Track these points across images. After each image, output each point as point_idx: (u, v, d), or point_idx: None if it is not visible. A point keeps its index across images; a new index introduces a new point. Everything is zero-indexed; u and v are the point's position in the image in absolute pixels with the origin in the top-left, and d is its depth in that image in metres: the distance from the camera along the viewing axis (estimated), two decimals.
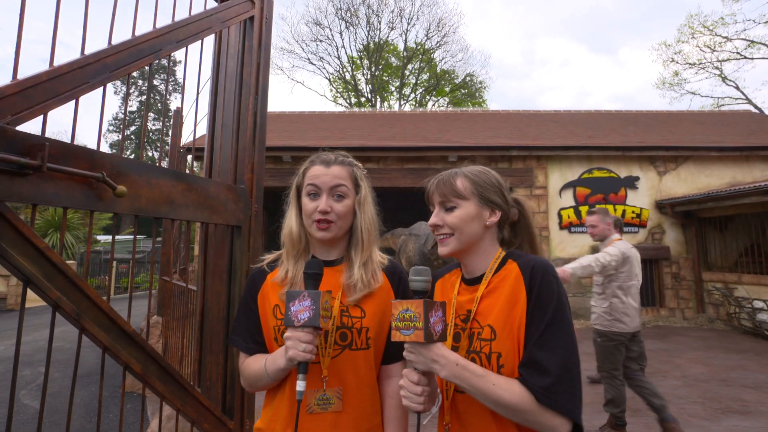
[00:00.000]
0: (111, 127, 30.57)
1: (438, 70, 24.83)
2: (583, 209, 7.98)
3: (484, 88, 26.11)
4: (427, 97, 25.29)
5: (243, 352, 1.06)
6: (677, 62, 20.84)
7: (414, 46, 24.57)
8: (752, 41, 19.09)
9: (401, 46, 24.91)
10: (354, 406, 0.98)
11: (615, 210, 7.91)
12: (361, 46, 24.39)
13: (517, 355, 0.85)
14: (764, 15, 19.09)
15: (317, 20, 24.22)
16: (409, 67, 24.99)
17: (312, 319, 0.87)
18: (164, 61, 29.02)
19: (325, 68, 25.92)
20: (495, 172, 1.03)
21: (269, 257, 1.13)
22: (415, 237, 5.40)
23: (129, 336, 1.32)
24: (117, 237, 20.78)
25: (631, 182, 8.09)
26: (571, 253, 7.90)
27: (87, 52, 1.23)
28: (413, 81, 25.38)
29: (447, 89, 25.40)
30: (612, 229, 3.30)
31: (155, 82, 31.23)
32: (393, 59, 25.38)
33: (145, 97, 29.96)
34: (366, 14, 23.77)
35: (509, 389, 0.81)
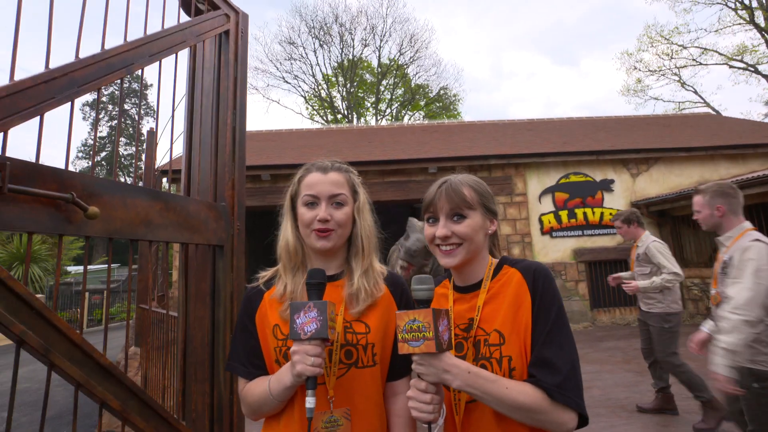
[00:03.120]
0: (80, 154, 29.69)
1: (412, 85, 25.23)
2: (563, 213, 8.12)
3: (458, 100, 26.66)
4: (403, 111, 25.60)
5: (242, 378, 0.99)
6: (639, 70, 21.81)
7: (388, 62, 24.95)
8: (705, 48, 20.17)
9: (375, 63, 25.27)
10: (362, 427, 0.92)
11: (594, 213, 8.08)
12: (336, 64, 24.62)
13: (524, 357, 0.87)
14: (713, 24, 20.23)
15: (290, 39, 24.38)
16: (384, 82, 25.32)
17: (320, 331, 0.83)
18: (135, 85, 28.60)
19: (300, 86, 26.02)
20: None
21: (265, 275, 1.06)
22: (399, 246, 5.41)
23: (105, 369, 1.22)
24: (89, 267, 20.01)
25: (606, 185, 8.29)
26: (554, 257, 7.99)
27: (52, 67, 1.16)
28: (388, 96, 25.69)
29: (422, 103, 25.79)
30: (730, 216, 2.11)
31: (126, 107, 30.64)
32: (367, 76, 25.67)
33: (115, 122, 29.34)
34: (339, 32, 24.08)
35: (523, 391, 0.82)
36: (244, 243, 2.11)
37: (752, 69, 19.62)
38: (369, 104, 25.86)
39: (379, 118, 25.29)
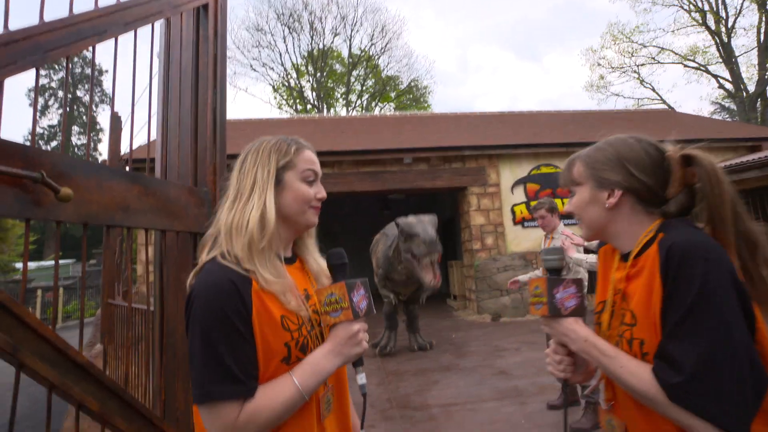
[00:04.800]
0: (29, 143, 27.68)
1: (383, 76, 25.04)
2: (534, 204, 8.31)
3: (429, 93, 26.72)
4: (373, 103, 25.39)
5: (242, 399, 0.74)
6: (602, 66, 22.56)
7: (359, 52, 24.63)
8: (662, 48, 21.12)
9: (345, 53, 24.88)
10: (341, 402, 0.95)
11: (563, 204, 8.32)
12: (305, 53, 24.04)
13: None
14: (670, 24, 21.21)
15: (258, 26, 23.57)
16: (355, 73, 24.98)
17: (371, 307, 0.90)
18: (87, 70, 26.85)
19: (268, 74, 25.27)
20: (633, 140, 0.92)
21: (220, 257, 0.83)
22: (385, 237, 5.27)
23: (82, 368, 1.10)
24: (41, 263, 18.78)
25: None
26: (526, 247, 8.18)
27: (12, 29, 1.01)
28: (359, 87, 25.39)
29: (392, 95, 25.66)
30: None
31: (79, 94, 28.81)
32: (338, 66, 25.24)
33: (67, 109, 27.54)
34: (309, 20, 23.50)
35: (638, 375, 0.76)
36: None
37: (704, 69, 20.72)
38: (339, 95, 25.49)
39: (349, 109, 25.00)
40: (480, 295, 7.92)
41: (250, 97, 32.24)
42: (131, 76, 1.55)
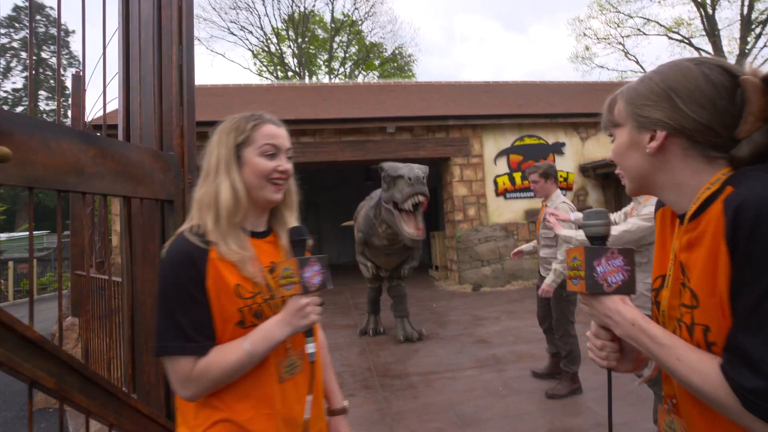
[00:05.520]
0: None
1: (367, 43, 24.27)
2: (517, 175, 8.33)
3: (414, 61, 26.09)
4: (357, 71, 24.71)
5: (191, 356, 0.85)
6: (588, 37, 22.35)
7: (341, 17, 23.70)
8: (648, 19, 20.97)
9: (328, 18, 23.91)
10: (310, 368, 1.00)
11: None
12: (286, 16, 22.99)
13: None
14: None
15: None
16: (337, 39, 24.11)
17: (325, 282, 0.93)
18: (53, 30, 25.19)
19: (247, 39, 24.17)
20: (690, 64, 0.69)
21: (189, 231, 0.92)
22: (369, 200, 4.59)
23: (34, 343, 1.03)
24: (13, 234, 18.16)
25: (558, 148, 8.56)
26: (508, 218, 8.25)
27: None
28: (342, 54, 24.59)
29: (376, 63, 24.98)
30: None
31: (44, 56, 27.10)
32: (320, 31, 24.30)
33: (32, 72, 25.87)
34: None
35: (701, 371, 0.60)
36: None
37: (687, 41, 20.73)
38: (321, 62, 24.66)
39: (332, 76, 24.26)
40: (461, 266, 8.01)
41: (228, 63, 30.94)
42: (101, 33, 1.40)
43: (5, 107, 25.45)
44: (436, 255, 9.47)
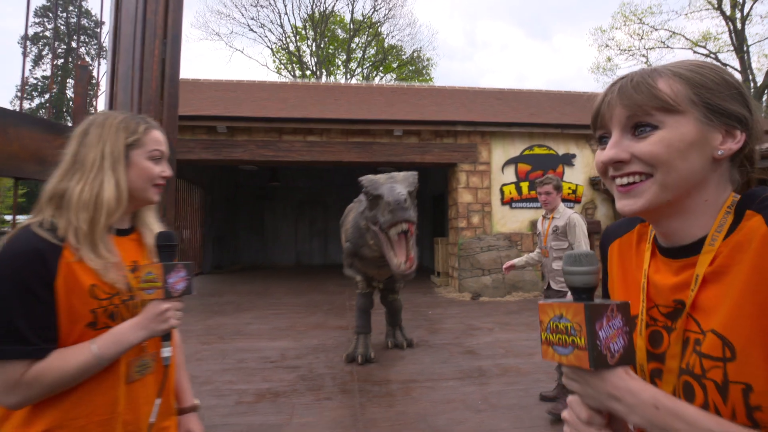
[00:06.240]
0: (20, 95, 27.04)
1: (385, 45, 24.31)
2: (524, 185, 8.22)
3: (432, 65, 26.02)
4: (374, 72, 24.75)
5: (30, 359, 0.79)
6: (610, 47, 22.02)
7: (361, 18, 23.79)
8: (674, 32, 20.54)
9: (348, 18, 24.03)
10: (162, 369, 1.01)
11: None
12: (306, 15, 23.19)
13: None
14: (684, 7, 20.55)
15: None
16: (356, 40, 24.22)
17: (189, 288, 0.95)
18: (85, 21, 25.85)
19: (267, 36, 24.50)
20: (728, 70, 0.59)
21: (38, 225, 0.85)
22: (358, 204, 4.06)
23: None
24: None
25: (568, 159, 8.42)
26: (512, 228, 8.15)
27: None
28: (360, 55, 24.68)
29: (394, 65, 24.99)
30: None
31: (75, 45, 27.82)
32: (339, 31, 24.44)
33: (61, 60, 26.66)
34: None
35: None
36: (173, 194, 1.91)
37: (713, 56, 20.22)
38: (340, 62, 24.79)
39: (349, 77, 24.37)
40: (462, 274, 7.94)
41: (246, 59, 31.25)
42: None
43: (34, 93, 26.24)
44: (439, 261, 9.41)
